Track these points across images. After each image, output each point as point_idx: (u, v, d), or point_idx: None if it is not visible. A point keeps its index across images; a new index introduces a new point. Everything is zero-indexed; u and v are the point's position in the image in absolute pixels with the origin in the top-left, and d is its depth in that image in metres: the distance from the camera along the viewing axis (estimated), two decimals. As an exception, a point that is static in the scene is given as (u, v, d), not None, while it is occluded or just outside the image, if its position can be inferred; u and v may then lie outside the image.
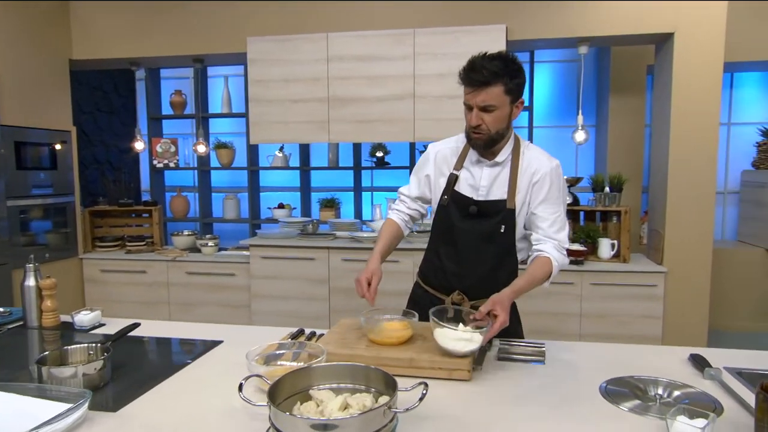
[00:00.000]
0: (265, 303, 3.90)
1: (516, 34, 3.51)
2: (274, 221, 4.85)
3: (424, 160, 1.92)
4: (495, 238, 1.76)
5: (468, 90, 1.65)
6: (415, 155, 4.89)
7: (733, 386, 1.39)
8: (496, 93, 1.61)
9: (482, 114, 1.64)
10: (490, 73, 1.59)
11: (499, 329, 1.52)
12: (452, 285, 1.83)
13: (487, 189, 1.77)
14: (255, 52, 3.84)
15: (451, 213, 1.80)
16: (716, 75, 3.31)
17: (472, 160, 1.80)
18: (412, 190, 1.95)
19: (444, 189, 1.82)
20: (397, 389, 1.07)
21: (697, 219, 3.41)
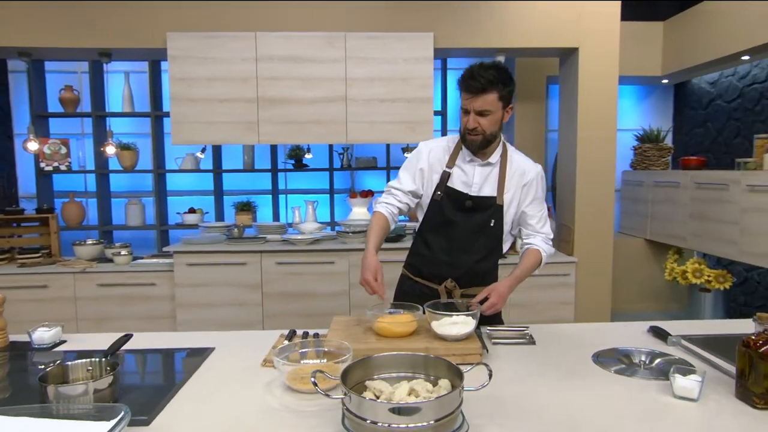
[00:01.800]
0: (192, 312, 3.71)
1: (442, 42, 3.71)
2: (185, 227, 4.61)
3: (417, 156, 2.01)
4: (485, 230, 1.93)
5: (466, 96, 1.81)
6: (334, 157, 4.94)
7: (693, 349, 1.65)
8: (492, 99, 1.79)
9: (479, 118, 1.82)
10: (487, 81, 1.76)
11: (490, 310, 1.75)
12: (444, 274, 1.97)
13: (480, 186, 1.94)
14: (176, 49, 3.64)
15: (444, 207, 1.94)
16: (613, 86, 3.77)
17: (465, 159, 1.96)
18: (405, 184, 2.01)
19: (437, 185, 1.95)
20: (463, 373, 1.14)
21: (600, 214, 3.85)
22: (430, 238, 1.99)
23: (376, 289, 1.78)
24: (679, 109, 5.32)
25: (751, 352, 1.29)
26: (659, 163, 4.89)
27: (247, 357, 1.64)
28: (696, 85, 5.05)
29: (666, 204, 4.52)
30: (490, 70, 1.77)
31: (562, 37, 3.71)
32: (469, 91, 1.79)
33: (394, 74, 3.69)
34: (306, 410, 1.27)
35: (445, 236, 1.96)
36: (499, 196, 1.92)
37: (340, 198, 5.11)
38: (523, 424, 1.20)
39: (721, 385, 1.40)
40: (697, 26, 4.37)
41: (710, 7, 4.23)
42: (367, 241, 1.92)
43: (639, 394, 1.37)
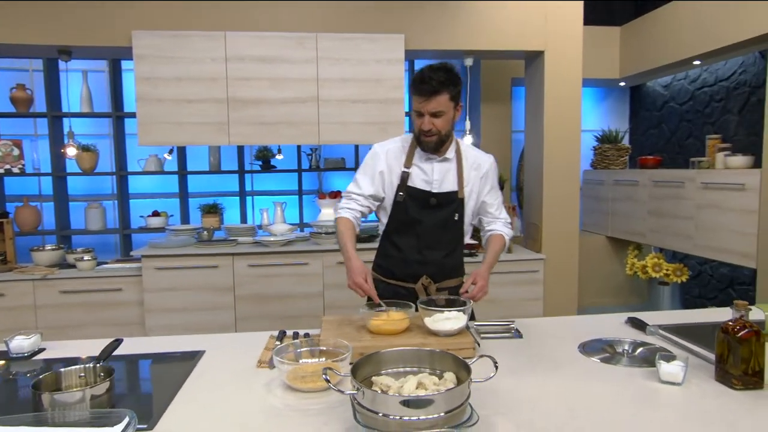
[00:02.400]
0: (162, 317, 3.61)
1: (413, 44, 3.75)
2: (149, 230, 4.50)
3: (374, 158, 2.01)
4: (450, 225, 1.99)
5: (420, 99, 1.85)
6: (302, 158, 4.91)
7: (671, 338, 1.73)
8: (444, 100, 1.84)
9: (433, 119, 1.86)
10: (438, 83, 1.81)
11: (481, 294, 1.83)
12: (418, 273, 2.00)
13: (440, 182, 1.98)
14: (142, 47, 3.55)
15: (408, 207, 1.97)
16: (577, 88, 3.90)
17: (422, 158, 1.99)
18: (365, 188, 2.00)
19: (398, 186, 1.97)
20: (470, 366, 1.17)
21: (566, 212, 3.98)
22: (398, 239, 2.02)
23: (369, 291, 1.79)
24: (635, 111, 5.55)
25: (730, 338, 1.38)
26: (618, 163, 5.08)
27: (240, 359, 1.63)
28: (651, 88, 5.29)
29: (625, 202, 4.71)
30: (440, 72, 1.82)
31: (529, 40, 3.82)
32: (422, 94, 1.83)
33: (366, 75, 3.71)
34: (311, 408, 1.27)
35: (413, 235, 1.99)
36: (460, 190, 1.98)
37: (308, 199, 5.09)
38: (524, 413, 1.24)
39: (700, 370, 1.48)
40: (652, 32, 4.57)
41: (664, 13, 4.43)
42: (344, 246, 1.91)
43: (627, 380, 1.43)
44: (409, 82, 1.91)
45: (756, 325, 1.37)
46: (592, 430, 1.16)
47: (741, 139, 4.17)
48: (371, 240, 3.83)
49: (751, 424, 1.19)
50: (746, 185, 3.45)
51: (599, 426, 1.18)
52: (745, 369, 1.36)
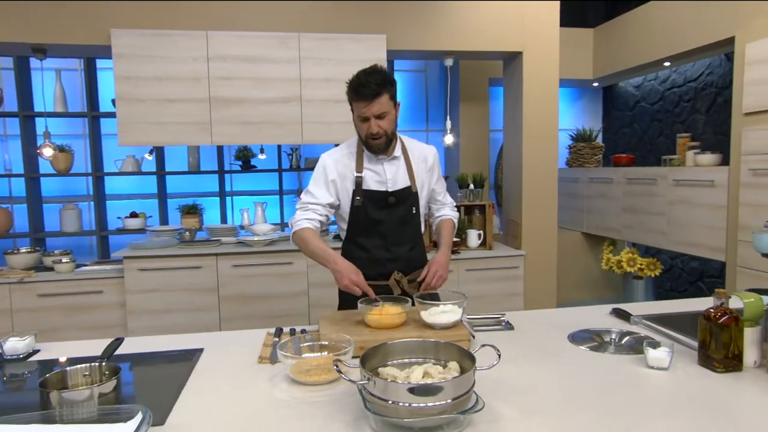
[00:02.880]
0: (145, 319, 3.58)
1: (394, 44, 3.79)
2: (127, 231, 4.43)
3: (323, 169, 2.02)
4: (409, 219, 2.07)
5: (363, 104, 1.86)
6: (283, 158, 4.91)
7: (654, 327, 1.82)
8: (385, 101, 1.88)
9: (379, 121, 1.90)
10: (377, 84, 1.84)
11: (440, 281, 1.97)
12: (387, 269, 2.04)
13: (394, 181, 2.04)
14: (122, 46, 3.50)
15: (367, 210, 2.01)
16: (554, 88, 4.01)
17: (371, 160, 2.02)
18: (321, 197, 2.00)
19: (353, 191, 2.00)
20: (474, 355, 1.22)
21: (545, 209, 4.08)
22: (363, 241, 2.05)
23: (364, 288, 1.82)
24: (608, 111, 5.71)
25: (712, 324, 1.46)
26: (592, 161, 5.23)
27: (240, 355, 1.65)
28: (623, 88, 5.45)
29: (600, 199, 4.85)
30: (376, 74, 1.85)
31: (508, 41, 3.90)
32: (364, 99, 1.85)
33: (349, 75, 3.64)
34: (318, 400, 1.31)
35: (377, 235, 2.03)
36: (413, 185, 2.05)
37: (287, 199, 5.09)
38: (524, 399, 1.29)
39: (683, 356, 1.56)
40: (624, 34, 4.72)
41: (636, 16, 4.58)
42: (321, 250, 1.92)
43: (617, 366, 1.50)
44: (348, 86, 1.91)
45: (735, 312, 1.45)
46: (591, 412, 1.22)
47: (709, 137, 4.34)
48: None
49: (735, 403, 1.27)
50: (715, 182, 3.60)
51: (596, 408, 1.24)
52: (726, 353, 1.44)
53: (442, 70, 5.33)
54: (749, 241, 3.32)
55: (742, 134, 3.37)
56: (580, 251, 5.18)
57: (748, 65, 3.33)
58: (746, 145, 3.34)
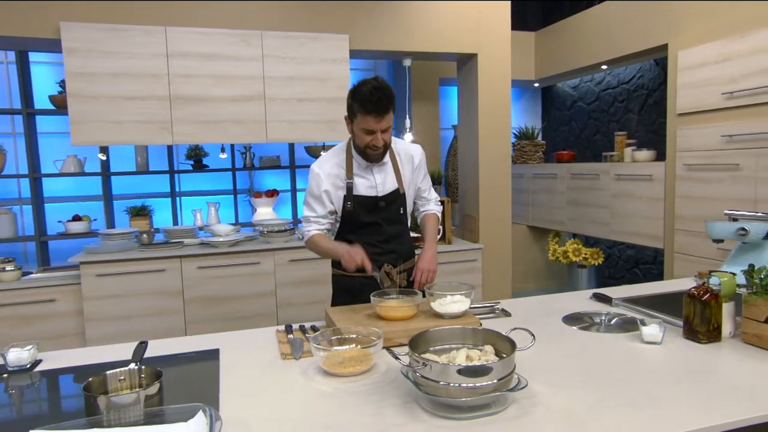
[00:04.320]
0: (104, 326, 3.42)
1: (356, 44, 3.85)
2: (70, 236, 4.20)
3: (316, 181, 2.11)
4: (396, 219, 2.20)
5: (375, 119, 1.95)
6: (236, 156, 4.83)
7: (635, 308, 2.01)
8: (391, 116, 2.01)
9: (383, 135, 2.01)
10: (387, 101, 1.95)
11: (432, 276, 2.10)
12: (379, 263, 2.11)
13: (383, 185, 2.15)
14: (72, 40, 3.33)
15: (358, 213, 2.12)
16: (507, 88, 4.22)
17: (361, 167, 2.13)
18: (319, 210, 2.12)
19: (345, 197, 2.11)
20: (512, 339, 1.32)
21: (499, 204, 4.29)
22: (354, 238, 2.13)
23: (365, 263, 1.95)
24: (547, 110, 6.05)
25: (696, 301, 1.65)
26: (535, 158, 5.53)
27: (259, 353, 1.66)
28: (560, 89, 5.80)
29: (545, 193, 5.15)
30: (385, 90, 1.94)
31: (464, 43, 4.06)
32: (378, 114, 1.94)
33: (312, 74, 3.75)
34: (361, 390, 1.36)
35: (367, 234, 2.14)
36: (401, 187, 2.17)
37: (241, 198, 5.01)
38: (548, 376, 1.41)
39: (668, 331, 1.75)
40: (564, 38, 5.03)
41: (575, 22, 4.90)
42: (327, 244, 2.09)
43: (615, 344, 1.66)
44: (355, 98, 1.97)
45: (714, 289, 1.65)
46: (608, 383, 1.36)
47: (641, 135, 4.73)
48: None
49: (722, 367, 1.46)
50: (653, 176, 3.94)
51: (612, 379, 1.38)
52: (708, 327, 1.64)
53: (391, 69, 5.44)
54: (685, 230, 3.68)
55: (677, 133, 3.72)
56: (525, 243, 5.47)
57: (680, 71, 3.67)
58: (680, 143, 3.69)
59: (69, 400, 1.43)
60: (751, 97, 3.20)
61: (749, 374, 1.40)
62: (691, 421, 1.15)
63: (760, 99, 3.15)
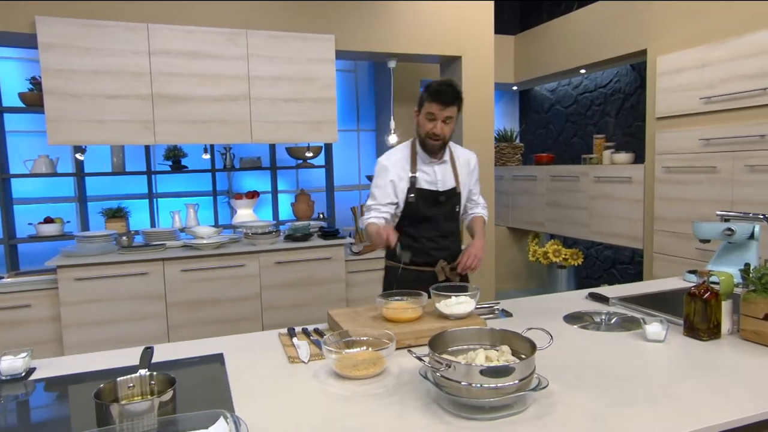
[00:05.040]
0: (84, 332, 3.31)
1: (342, 45, 3.83)
2: (41, 239, 4.05)
3: (383, 171, 2.26)
4: (452, 216, 2.33)
5: (438, 107, 2.13)
6: (216, 157, 4.73)
7: (632, 307, 2.05)
8: (454, 111, 2.18)
9: (444, 125, 2.17)
10: (454, 96, 2.15)
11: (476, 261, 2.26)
12: (435, 257, 2.31)
13: (443, 182, 2.29)
14: (49, 36, 3.21)
15: (420, 206, 2.26)
16: (490, 91, 4.26)
17: (424, 162, 2.28)
18: (383, 198, 2.25)
19: (408, 189, 2.25)
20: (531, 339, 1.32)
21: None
22: (414, 232, 2.30)
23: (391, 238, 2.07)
24: (525, 113, 6.14)
25: (696, 299, 1.69)
26: (514, 160, 5.60)
27: (265, 357, 1.63)
28: (538, 92, 5.89)
29: (525, 195, 5.22)
30: (453, 87, 2.15)
31: (449, 45, 4.09)
32: (441, 102, 2.12)
33: (298, 74, 3.71)
34: (377, 392, 1.34)
35: (426, 228, 2.29)
36: (458, 186, 2.33)
37: (221, 200, 4.92)
38: (562, 375, 1.41)
39: (669, 330, 1.78)
40: (544, 42, 5.12)
41: (554, 27, 4.99)
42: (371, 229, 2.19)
43: (620, 342, 1.69)
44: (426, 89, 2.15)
45: (714, 288, 1.69)
46: (620, 381, 1.38)
47: (618, 138, 4.84)
48: (306, 239, 3.84)
49: (729, 363, 1.50)
50: (632, 178, 4.04)
51: (623, 377, 1.40)
52: (709, 324, 1.68)
53: (372, 71, 5.43)
54: (664, 231, 3.78)
55: (656, 136, 3.81)
56: (506, 244, 5.53)
57: (659, 75, 3.77)
58: (659, 146, 3.79)
59: (74, 409, 1.37)
60: (729, 102, 3.31)
61: (756, 370, 1.44)
62: (714, 416, 1.18)
63: (737, 104, 3.26)
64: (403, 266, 2.25)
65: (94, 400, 1.15)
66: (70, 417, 1.33)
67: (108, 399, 1.20)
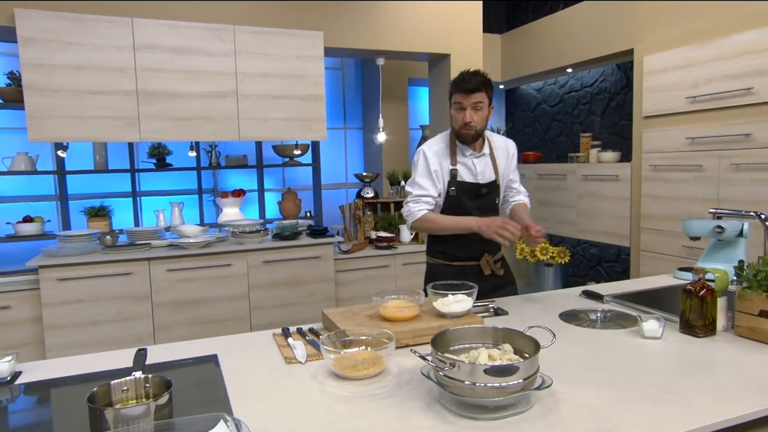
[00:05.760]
0: (66, 334, 3.23)
1: (331, 42, 3.79)
2: (20, 239, 3.94)
3: (425, 161, 2.22)
4: (492, 207, 2.31)
5: (462, 95, 2.12)
6: (201, 155, 4.66)
7: (626, 304, 2.05)
8: (481, 97, 2.13)
9: (473, 112, 2.12)
10: (477, 82, 2.10)
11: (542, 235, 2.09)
12: (478, 251, 2.28)
13: (483, 174, 2.27)
14: (29, 29, 3.12)
15: (461, 199, 2.23)
16: (478, 91, 4.25)
17: (464, 155, 2.24)
18: (430, 189, 2.21)
19: (449, 182, 2.22)
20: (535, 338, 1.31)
21: (472, 203, 4.32)
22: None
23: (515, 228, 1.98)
24: (511, 111, 6.16)
25: (692, 296, 1.69)
26: (501, 159, 5.61)
27: (260, 358, 1.60)
28: (524, 91, 5.91)
29: (512, 193, 5.23)
30: (478, 75, 2.11)
31: (437, 43, 4.08)
32: (464, 91, 2.10)
33: (287, 71, 3.67)
34: (378, 392, 1.32)
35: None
36: (497, 178, 2.30)
37: (206, 198, 4.85)
38: (563, 373, 1.40)
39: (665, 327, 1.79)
40: (531, 41, 5.13)
41: (541, 26, 5.01)
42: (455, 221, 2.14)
43: (617, 339, 1.69)
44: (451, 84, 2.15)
45: (710, 284, 1.70)
46: (621, 379, 1.37)
47: (604, 137, 4.88)
48: (294, 238, 3.80)
49: (726, 360, 1.51)
50: (620, 177, 4.07)
51: (623, 375, 1.39)
52: (704, 321, 1.69)
53: (359, 69, 5.40)
54: (651, 228, 3.81)
55: (642, 135, 3.85)
56: (493, 243, 5.53)
57: (646, 75, 3.81)
58: (646, 144, 3.82)
59: (64, 414, 1.32)
60: (714, 101, 3.35)
61: (753, 366, 1.45)
62: (717, 413, 1.18)
63: (722, 103, 3.30)
64: (445, 263, 2.26)
65: (88, 405, 1.11)
66: (60, 422, 1.28)
67: (102, 403, 1.16)
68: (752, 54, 3.12)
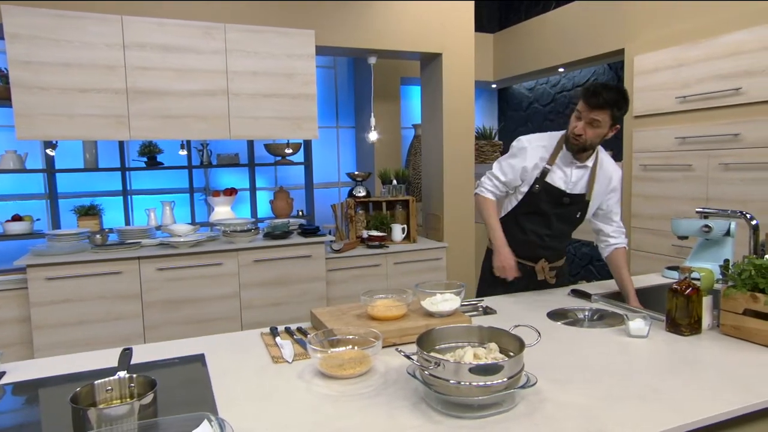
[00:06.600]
0: (55, 334, 3.20)
1: (322, 40, 3.78)
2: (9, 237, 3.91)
3: (521, 151, 2.19)
4: (572, 221, 2.27)
5: (585, 107, 2.02)
6: (192, 154, 4.64)
7: (614, 303, 2.06)
8: (604, 115, 2.00)
9: (587, 127, 2.03)
10: (605, 101, 1.97)
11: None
12: (536, 254, 2.30)
13: (575, 184, 2.20)
14: (16, 26, 3.09)
15: (540, 199, 2.19)
16: (470, 88, 4.26)
17: (565, 160, 2.18)
18: (509, 177, 2.22)
19: (537, 178, 2.17)
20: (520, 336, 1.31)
21: (463, 203, 4.33)
22: (525, 224, 2.25)
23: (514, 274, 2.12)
24: (503, 111, 6.17)
25: (678, 295, 1.71)
26: (492, 157, 5.62)
27: (247, 357, 1.59)
28: (516, 90, 5.93)
29: (504, 192, 5.24)
30: (612, 91, 1.98)
31: (429, 42, 4.07)
32: (589, 104, 2.00)
33: (278, 70, 3.66)
34: (364, 392, 1.32)
35: (539, 224, 2.24)
36: (588, 194, 2.21)
37: (197, 197, 4.83)
38: (549, 372, 1.41)
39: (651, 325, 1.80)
40: (523, 40, 5.14)
41: (533, 25, 5.02)
42: (495, 230, 2.20)
43: (603, 338, 1.70)
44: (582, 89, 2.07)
45: (696, 284, 1.71)
46: (606, 377, 1.38)
47: (595, 136, 4.88)
48: (285, 237, 3.79)
49: (711, 358, 1.52)
50: (610, 176, 4.08)
51: (608, 373, 1.40)
52: (690, 320, 1.70)
53: (351, 68, 5.39)
54: (641, 228, 3.83)
55: (633, 134, 3.87)
56: (485, 242, 5.53)
57: (636, 75, 3.82)
58: (636, 144, 3.84)
59: (48, 414, 1.31)
60: (703, 101, 3.37)
61: (738, 364, 1.46)
62: (702, 410, 1.19)
63: (711, 103, 3.32)
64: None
65: (71, 405, 1.10)
66: (43, 422, 1.27)
67: (85, 403, 1.15)
68: (741, 54, 3.14)
